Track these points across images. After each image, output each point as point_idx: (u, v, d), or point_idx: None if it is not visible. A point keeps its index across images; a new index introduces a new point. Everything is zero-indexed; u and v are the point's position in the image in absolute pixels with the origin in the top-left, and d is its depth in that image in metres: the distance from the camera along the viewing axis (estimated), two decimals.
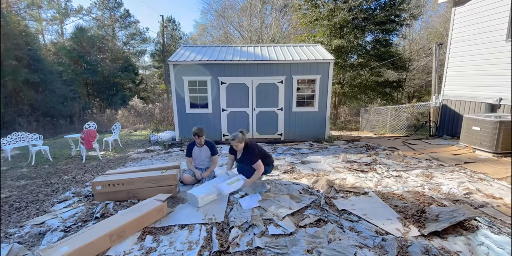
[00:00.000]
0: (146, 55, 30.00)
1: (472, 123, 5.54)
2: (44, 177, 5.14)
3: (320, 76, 7.41)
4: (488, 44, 6.62)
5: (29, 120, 14.68)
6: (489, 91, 6.58)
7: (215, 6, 26.94)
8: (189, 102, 7.53)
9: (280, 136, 7.76)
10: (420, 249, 2.25)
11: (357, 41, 15.21)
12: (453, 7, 7.64)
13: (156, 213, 2.92)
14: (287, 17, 21.87)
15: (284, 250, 2.30)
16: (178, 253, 2.35)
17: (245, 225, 2.73)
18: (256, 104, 7.56)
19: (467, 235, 2.45)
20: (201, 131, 4.06)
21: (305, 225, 2.70)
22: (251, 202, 3.27)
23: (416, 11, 16.16)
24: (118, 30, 26.95)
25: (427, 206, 3.03)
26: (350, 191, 3.56)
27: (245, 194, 3.58)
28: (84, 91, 21.02)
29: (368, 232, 2.55)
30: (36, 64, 15.29)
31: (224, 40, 24.33)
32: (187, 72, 7.35)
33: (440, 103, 8.25)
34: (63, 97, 16.48)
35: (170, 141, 7.86)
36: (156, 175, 3.66)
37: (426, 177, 4.11)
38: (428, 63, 20.20)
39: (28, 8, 19.33)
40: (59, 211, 3.37)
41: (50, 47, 20.43)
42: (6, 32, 13.60)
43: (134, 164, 5.71)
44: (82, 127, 7.98)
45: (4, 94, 14.07)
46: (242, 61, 7.31)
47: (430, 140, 7.25)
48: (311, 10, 15.51)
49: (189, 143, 4.25)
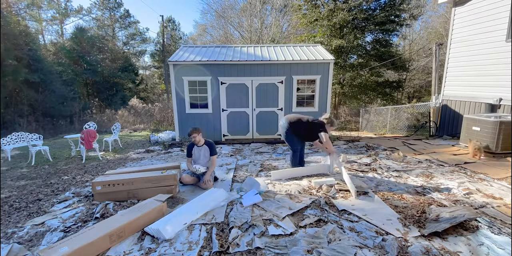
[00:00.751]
0: (146, 55, 30.05)
1: (472, 123, 5.54)
2: (44, 177, 5.14)
3: (320, 76, 7.41)
4: (488, 44, 6.62)
5: (29, 120, 14.69)
6: (489, 91, 6.57)
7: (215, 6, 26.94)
8: (189, 102, 7.53)
9: (280, 136, 7.76)
10: (420, 250, 2.25)
11: (357, 41, 15.21)
12: (453, 7, 7.64)
13: (156, 213, 2.92)
14: (287, 17, 21.88)
15: (284, 250, 2.30)
16: (178, 253, 2.35)
17: (245, 226, 2.73)
18: (256, 104, 7.56)
19: (467, 235, 2.45)
20: (196, 129, 4.05)
21: (305, 225, 2.70)
22: (253, 198, 3.33)
23: (416, 11, 16.17)
24: (118, 30, 26.98)
25: (427, 207, 3.03)
26: (350, 191, 3.55)
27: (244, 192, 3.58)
28: (84, 91, 21.03)
29: (368, 232, 2.55)
30: (36, 64, 15.29)
31: (224, 40, 24.34)
32: (187, 72, 7.35)
33: (440, 103, 8.25)
34: (63, 97, 16.48)
35: (170, 141, 7.86)
36: (156, 175, 3.66)
37: (426, 177, 4.11)
38: (428, 63, 20.21)
39: (28, 8, 19.33)
40: (59, 211, 3.36)
41: (50, 47, 20.43)
42: (6, 32, 13.60)
43: (134, 164, 5.71)
44: (82, 127, 7.98)
45: (4, 94, 14.07)
46: (242, 61, 7.31)
47: (430, 140, 7.25)
48: (311, 10, 15.53)
49: (189, 143, 4.23)
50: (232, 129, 7.72)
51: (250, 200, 3.28)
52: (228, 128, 7.70)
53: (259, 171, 4.69)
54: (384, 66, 15.66)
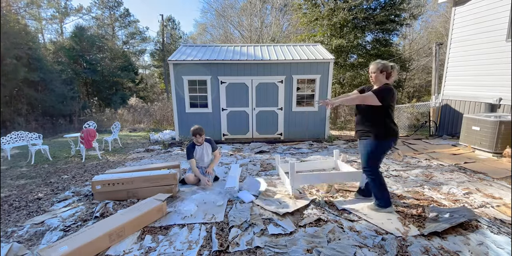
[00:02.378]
0: (146, 55, 30.01)
1: (472, 123, 5.54)
2: (44, 176, 5.13)
3: (320, 75, 7.40)
4: (488, 44, 6.61)
5: (29, 119, 14.67)
6: (489, 91, 6.58)
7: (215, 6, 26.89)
8: (189, 102, 7.53)
9: (280, 136, 7.76)
10: (420, 249, 2.25)
11: (357, 41, 15.18)
12: (453, 7, 7.64)
13: (156, 212, 2.92)
14: (287, 17, 21.85)
15: (284, 250, 2.30)
16: (177, 252, 2.35)
17: (244, 225, 2.73)
18: (256, 104, 7.56)
19: (467, 234, 2.46)
20: (202, 129, 4.04)
21: (304, 225, 2.70)
22: (250, 195, 3.42)
23: (416, 11, 16.13)
24: (118, 29, 26.93)
25: (426, 206, 3.03)
26: (350, 190, 3.55)
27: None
28: (83, 90, 21.00)
29: (368, 232, 2.55)
30: (35, 63, 15.26)
31: (224, 39, 24.30)
32: (187, 71, 7.34)
33: (440, 103, 8.25)
34: (63, 96, 16.46)
35: (170, 141, 7.86)
36: (156, 174, 3.66)
37: (426, 177, 4.12)
38: (428, 63, 20.20)
39: (27, 7, 19.29)
40: (59, 211, 3.36)
41: (50, 46, 20.40)
42: (5, 31, 13.57)
43: (134, 164, 5.71)
44: (82, 127, 7.97)
45: (4, 93, 14.05)
46: (242, 60, 7.30)
47: (430, 140, 7.25)
48: (311, 10, 15.50)
49: (188, 146, 4.15)
50: (232, 129, 7.72)
51: (249, 197, 3.33)
52: (228, 128, 7.70)
53: (259, 171, 4.69)
54: None
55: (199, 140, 4.05)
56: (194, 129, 4.01)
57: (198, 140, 4.05)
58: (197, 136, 3.99)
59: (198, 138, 4.01)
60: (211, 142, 4.23)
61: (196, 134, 4.00)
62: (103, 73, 21.02)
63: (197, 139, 4.03)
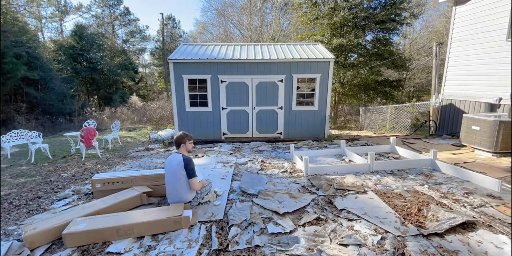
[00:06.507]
0: (146, 53, 29.99)
1: (471, 123, 5.54)
2: (44, 175, 5.14)
3: (320, 75, 7.40)
4: (488, 43, 6.61)
5: (28, 117, 14.66)
6: (489, 90, 6.58)
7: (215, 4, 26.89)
8: (189, 101, 7.52)
9: (280, 135, 7.76)
10: (419, 248, 2.26)
11: (357, 40, 15.16)
12: (454, 6, 7.62)
13: (172, 224, 2.68)
14: (287, 16, 21.83)
15: (286, 248, 2.31)
16: (177, 251, 2.35)
17: (244, 224, 2.74)
18: (256, 103, 7.55)
19: (466, 234, 2.46)
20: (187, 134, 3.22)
21: (304, 224, 2.71)
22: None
23: (416, 10, 16.10)
24: (118, 28, 26.91)
25: (426, 206, 3.04)
26: (349, 190, 3.56)
27: (242, 192, 3.59)
28: (83, 89, 20.98)
29: (367, 231, 2.55)
30: (35, 61, 15.24)
31: (224, 38, 24.27)
32: (187, 70, 7.33)
33: (440, 103, 8.26)
34: (63, 95, 16.44)
35: (169, 139, 7.86)
36: (155, 173, 3.68)
37: (426, 176, 4.12)
38: (428, 62, 20.19)
39: (27, 6, 19.25)
40: (59, 209, 3.37)
41: (50, 44, 20.36)
42: (5, 29, 13.54)
43: (133, 162, 5.71)
44: (82, 125, 7.97)
45: (4, 91, 14.04)
46: (242, 59, 7.29)
47: (430, 139, 7.25)
48: (311, 9, 15.47)
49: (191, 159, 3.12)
50: (231, 128, 7.72)
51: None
52: (228, 127, 7.70)
53: (259, 170, 4.70)
54: (384, 65, 15.63)
55: (189, 148, 3.25)
56: (183, 135, 3.16)
57: (188, 148, 3.23)
58: (190, 141, 3.18)
59: (190, 144, 3.20)
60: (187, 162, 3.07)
61: (186, 141, 3.13)
62: (103, 72, 21.00)
63: (190, 146, 3.22)
